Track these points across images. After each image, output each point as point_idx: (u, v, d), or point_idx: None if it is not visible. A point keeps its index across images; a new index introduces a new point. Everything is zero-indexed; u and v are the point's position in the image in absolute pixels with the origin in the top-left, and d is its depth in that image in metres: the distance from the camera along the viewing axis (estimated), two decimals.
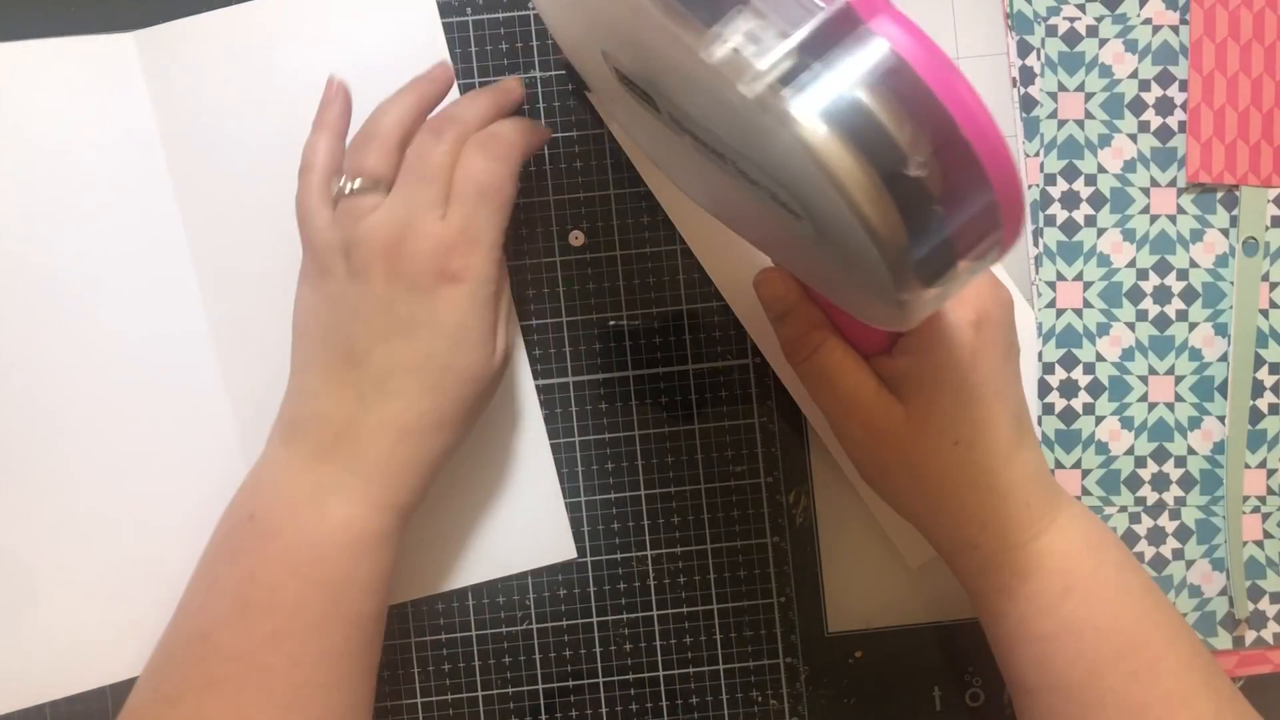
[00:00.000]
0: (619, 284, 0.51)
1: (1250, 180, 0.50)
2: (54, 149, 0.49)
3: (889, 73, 0.29)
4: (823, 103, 0.29)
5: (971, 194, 0.31)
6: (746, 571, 0.51)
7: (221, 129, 0.50)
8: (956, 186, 0.30)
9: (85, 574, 0.50)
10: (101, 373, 0.50)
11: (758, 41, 0.30)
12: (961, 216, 0.31)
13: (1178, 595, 0.50)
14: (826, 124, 0.29)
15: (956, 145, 0.30)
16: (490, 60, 0.50)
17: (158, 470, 0.50)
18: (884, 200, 0.30)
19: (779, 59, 0.29)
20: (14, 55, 0.49)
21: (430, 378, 0.43)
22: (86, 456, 0.50)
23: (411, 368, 0.43)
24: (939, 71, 0.29)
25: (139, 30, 0.50)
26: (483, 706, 0.51)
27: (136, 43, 0.50)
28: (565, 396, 0.51)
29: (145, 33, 0.50)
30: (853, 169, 0.30)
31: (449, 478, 0.50)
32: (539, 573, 0.51)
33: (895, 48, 0.29)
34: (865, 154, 0.29)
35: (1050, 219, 0.51)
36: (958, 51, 0.51)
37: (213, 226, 0.50)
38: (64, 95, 0.49)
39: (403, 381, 0.43)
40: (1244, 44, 0.50)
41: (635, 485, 0.51)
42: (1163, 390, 0.51)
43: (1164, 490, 0.51)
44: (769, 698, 0.51)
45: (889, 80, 0.30)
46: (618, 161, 0.51)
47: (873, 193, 0.30)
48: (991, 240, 0.32)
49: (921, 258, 0.31)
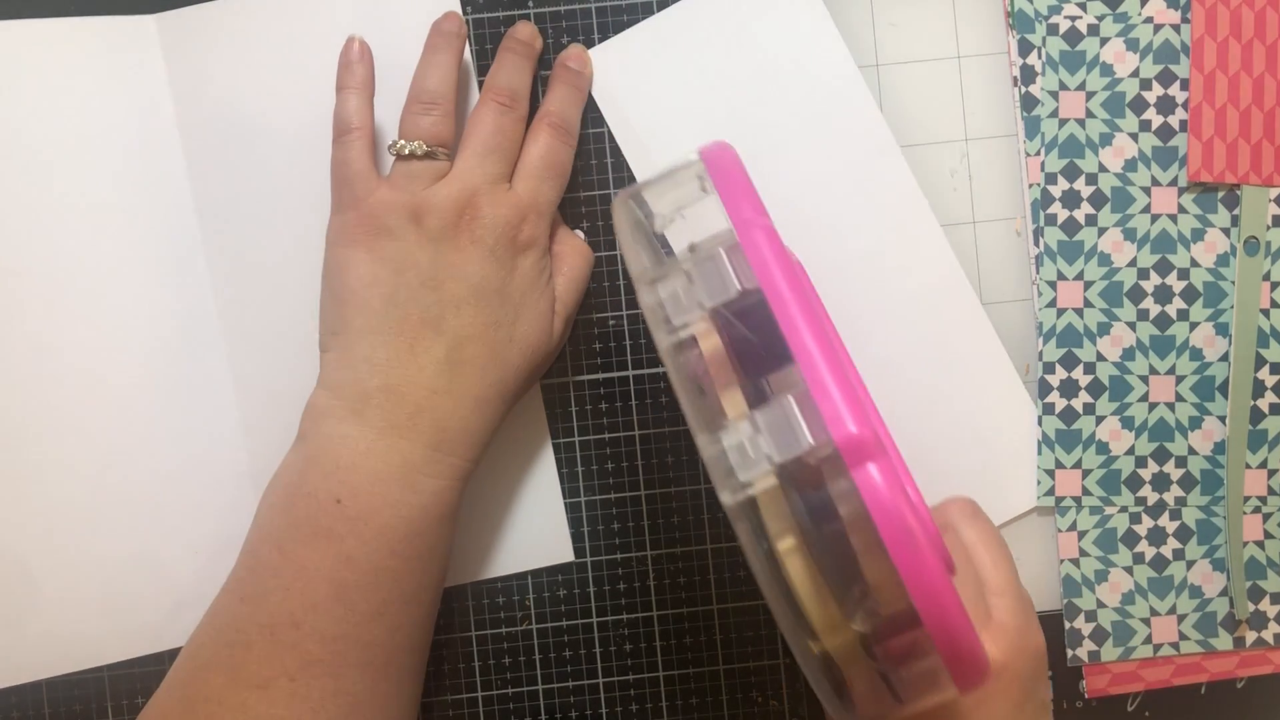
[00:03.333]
0: (619, 284, 0.51)
1: (1252, 179, 0.50)
2: (71, 127, 0.50)
3: (858, 519, 0.30)
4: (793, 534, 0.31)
5: (915, 656, 0.32)
6: (746, 572, 0.51)
7: (239, 114, 0.50)
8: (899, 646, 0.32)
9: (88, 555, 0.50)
10: (108, 351, 0.50)
11: (744, 456, 0.31)
12: (903, 674, 0.32)
13: (1178, 596, 0.50)
14: (794, 544, 0.32)
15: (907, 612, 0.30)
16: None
17: (162, 451, 0.50)
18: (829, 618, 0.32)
19: (759, 476, 0.31)
20: (36, 33, 0.49)
21: (498, 348, 0.44)
22: (91, 439, 0.50)
23: (482, 336, 0.43)
24: (905, 546, 0.29)
25: (161, 13, 0.50)
26: (482, 706, 0.51)
27: (158, 25, 0.50)
28: (565, 396, 0.51)
29: (167, 15, 0.50)
30: (807, 587, 0.32)
31: None
32: (539, 573, 0.51)
33: (867, 500, 0.30)
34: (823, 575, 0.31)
35: (1051, 218, 0.50)
36: (958, 50, 0.51)
37: (226, 211, 0.50)
38: (84, 74, 0.50)
39: (475, 350, 0.43)
40: (1245, 43, 0.50)
41: (635, 485, 0.51)
42: (1163, 390, 0.51)
43: (1164, 490, 0.51)
44: (769, 698, 0.51)
45: (858, 526, 0.31)
46: (618, 161, 0.51)
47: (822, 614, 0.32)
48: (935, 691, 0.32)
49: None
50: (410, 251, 0.43)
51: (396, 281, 0.43)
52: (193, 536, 0.50)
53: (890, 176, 0.51)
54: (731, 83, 0.51)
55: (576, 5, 0.51)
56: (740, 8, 0.51)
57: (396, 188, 0.44)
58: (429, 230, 0.43)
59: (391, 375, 0.42)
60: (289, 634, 0.40)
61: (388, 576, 0.42)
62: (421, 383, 0.42)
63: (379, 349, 0.43)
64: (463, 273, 0.43)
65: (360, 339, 0.43)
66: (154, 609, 0.50)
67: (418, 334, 0.42)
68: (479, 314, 0.43)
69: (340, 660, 0.40)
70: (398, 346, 0.42)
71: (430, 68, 0.47)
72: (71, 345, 0.50)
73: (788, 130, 0.50)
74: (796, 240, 0.51)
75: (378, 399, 0.42)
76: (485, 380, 0.43)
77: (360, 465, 0.42)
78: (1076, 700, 0.51)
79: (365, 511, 0.41)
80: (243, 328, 0.50)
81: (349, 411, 0.42)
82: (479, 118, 0.46)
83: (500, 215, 0.43)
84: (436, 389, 0.42)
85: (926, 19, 0.51)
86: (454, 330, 0.43)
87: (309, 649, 0.40)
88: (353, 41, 0.47)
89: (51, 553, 0.49)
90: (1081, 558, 0.50)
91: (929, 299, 0.51)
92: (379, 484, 0.42)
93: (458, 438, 0.43)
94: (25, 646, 0.49)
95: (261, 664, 0.40)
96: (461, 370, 0.43)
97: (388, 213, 0.43)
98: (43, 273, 0.50)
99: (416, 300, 0.43)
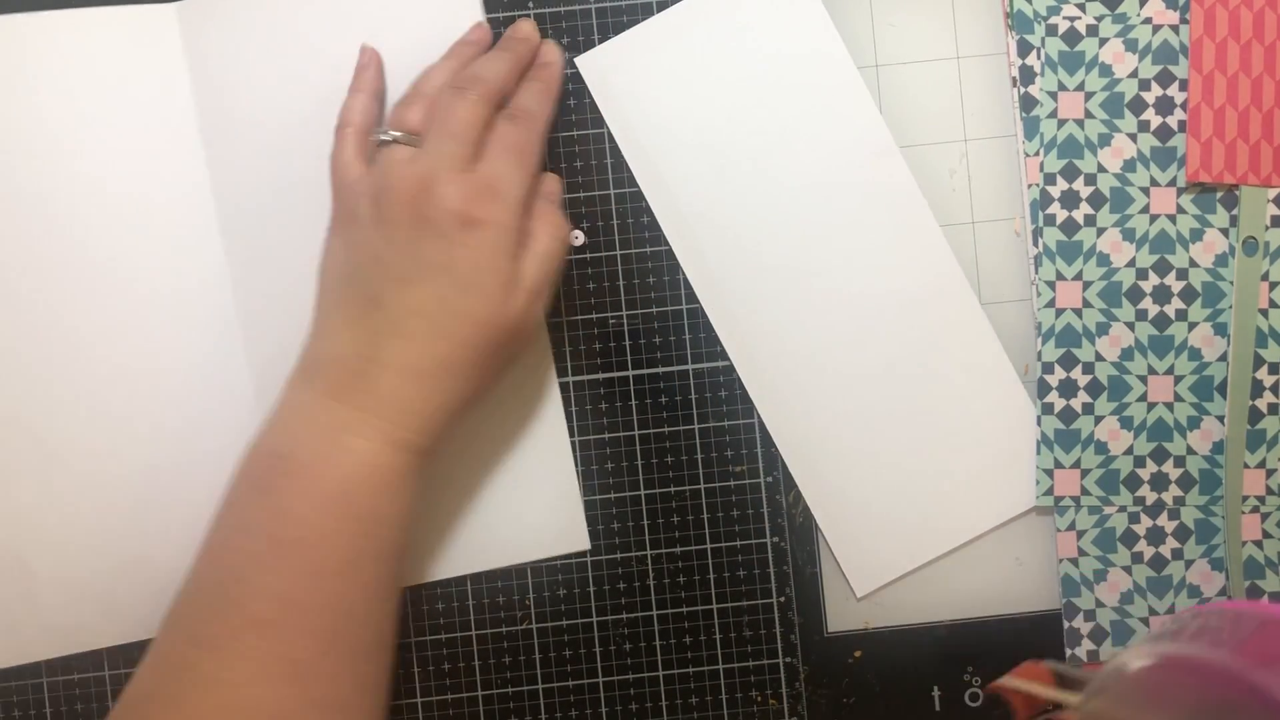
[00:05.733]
0: (619, 284, 0.51)
1: (1250, 179, 0.50)
2: (91, 115, 0.50)
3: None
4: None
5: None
6: (746, 571, 0.51)
7: (257, 102, 0.50)
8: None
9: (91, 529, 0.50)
10: (122, 339, 0.50)
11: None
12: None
13: (1176, 595, 0.51)
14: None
15: None
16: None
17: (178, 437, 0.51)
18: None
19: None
20: (56, 23, 0.50)
21: (442, 322, 0.45)
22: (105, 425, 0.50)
23: (426, 311, 0.44)
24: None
25: (181, 1, 0.50)
26: (483, 706, 0.51)
27: (178, 13, 0.50)
28: (565, 396, 0.51)
29: (187, 4, 0.50)
30: None
31: (465, 462, 0.50)
32: (539, 571, 0.51)
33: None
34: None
35: (1050, 218, 0.51)
36: (957, 51, 0.51)
37: (243, 199, 0.51)
38: (104, 62, 0.50)
39: (416, 324, 0.44)
40: (1244, 43, 0.50)
41: (635, 485, 0.51)
42: (1162, 390, 0.51)
43: (1163, 490, 0.51)
44: (769, 698, 0.51)
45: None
46: (618, 161, 0.51)
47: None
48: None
49: None
50: (367, 232, 0.45)
51: (355, 261, 0.46)
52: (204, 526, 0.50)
53: (890, 177, 0.51)
54: (731, 83, 0.51)
55: (576, 5, 0.51)
56: (740, 8, 0.51)
57: (368, 174, 0.47)
58: (385, 210, 0.45)
59: (338, 346, 0.45)
60: (234, 589, 0.42)
61: (318, 533, 0.43)
62: (360, 352, 0.44)
63: (334, 322, 0.46)
64: (408, 250, 0.45)
65: (324, 316, 0.46)
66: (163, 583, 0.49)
67: (365, 309, 0.45)
68: (423, 290, 0.44)
69: (284, 623, 0.42)
70: (346, 321, 0.45)
71: (435, 68, 0.49)
72: (84, 332, 0.50)
73: (787, 131, 0.51)
74: (796, 241, 0.51)
75: (324, 367, 0.45)
76: (426, 353, 0.44)
77: (300, 423, 0.45)
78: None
79: (298, 466, 0.43)
80: (259, 316, 0.51)
81: (302, 379, 0.46)
82: (444, 103, 0.46)
83: (447, 193, 0.44)
84: (371, 358, 0.44)
85: (926, 19, 0.51)
86: (396, 305, 0.44)
87: (255, 608, 0.42)
88: (364, 49, 0.50)
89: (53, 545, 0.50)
90: (1080, 557, 0.51)
91: (928, 299, 0.51)
92: (312, 441, 0.44)
93: (390, 405, 0.44)
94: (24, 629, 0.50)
95: (213, 621, 0.42)
96: (399, 343, 0.44)
97: (355, 198, 0.46)
98: (55, 260, 0.50)
99: (367, 277, 0.45)
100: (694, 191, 0.51)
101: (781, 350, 0.51)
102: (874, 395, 0.51)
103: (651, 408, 0.51)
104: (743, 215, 0.51)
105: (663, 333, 0.51)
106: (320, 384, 0.45)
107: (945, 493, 0.51)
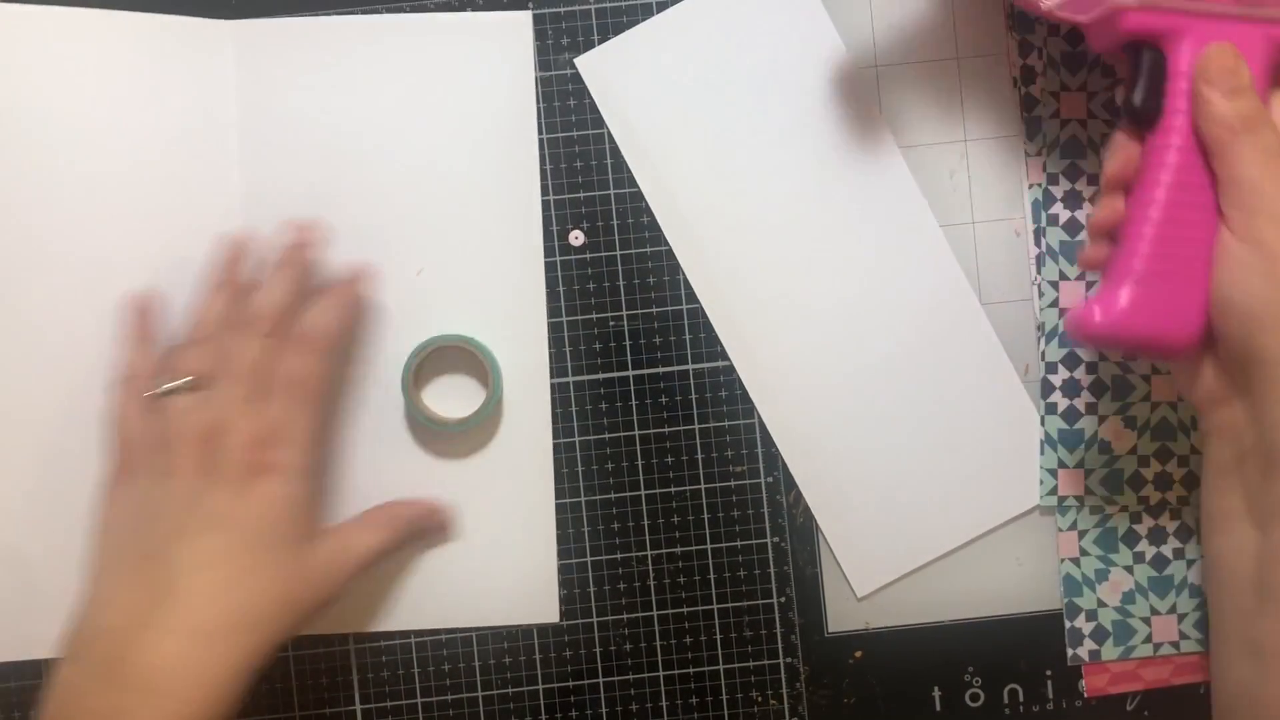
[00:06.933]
0: (619, 284, 0.51)
1: None
2: (136, 117, 0.50)
3: None
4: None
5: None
6: (746, 571, 0.51)
7: (298, 130, 0.51)
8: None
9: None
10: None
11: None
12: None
13: (1178, 595, 0.50)
14: None
15: None
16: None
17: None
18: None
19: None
20: (114, 24, 0.50)
21: (233, 575, 0.42)
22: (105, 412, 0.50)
23: (212, 564, 0.42)
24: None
25: (238, 20, 0.51)
26: (483, 706, 0.51)
27: (234, 32, 0.51)
28: (565, 396, 0.51)
29: (243, 23, 0.51)
30: None
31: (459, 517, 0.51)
32: None
33: None
34: None
35: (1053, 218, 0.50)
36: (958, 51, 0.51)
37: (269, 220, 0.50)
38: (155, 70, 0.50)
39: (200, 579, 0.42)
40: None
41: (635, 485, 0.51)
42: (1165, 389, 0.51)
43: (1166, 490, 0.51)
44: (769, 698, 0.51)
45: None
46: (618, 161, 0.51)
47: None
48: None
49: None
50: (147, 487, 0.44)
51: (134, 518, 0.44)
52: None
53: (890, 177, 0.51)
54: (731, 83, 0.51)
55: (576, 6, 0.51)
56: (740, 8, 0.51)
57: (150, 426, 0.45)
58: (169, 461, 0.43)
59: (110, 615, 0.42)
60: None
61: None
62: (132, 619, 0.41)
63: (106, 587, 0.43)
64: (190, 501, 0.43)
65: (96, 579, 0.43)
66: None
67: (140, 568, 0.42)
68: (208, 542, 0.42)
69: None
70: (119, 584, 0.42)
71: (208, 305, 0.47)
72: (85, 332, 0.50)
73: (787, 131, 0.50)
74: (796, 241, 0.51)
75: (94, 641, 0.42)
76: (212, 610, 0.41)
77: (72, 712, 0.41)
78: (1075, 700, 0.51)
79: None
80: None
81: (71, 654, 0.42)
82: (224, 345, 0.45)
83: (234, 441, 0.43)
84: (146, 623, 0.41)
85: (926, 19, 0.51)
86: (175, 561, 0.42)
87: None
88: (134, 297, 0.48)
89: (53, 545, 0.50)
90: (1082, 557, 0.50)
91: (929, 299, 0.51)
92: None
93: (171, 676, 0.40)
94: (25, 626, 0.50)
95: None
96: (179, 602, 0.41)
97: (135, 450, 0.45)
98: (62, 260, 0.50)
99: (146, 534, 0.43)
100: (694, 191, 0.51)
101: (781, 350, 0.51)
102: (874, 395, 0.51)
103: (651, 408, 0.51)
104: (743, 215, 0.51)
105: (663, 333, 0.51)
106: (89, 664, 0.41)
107: (945, 493, 0.51)
